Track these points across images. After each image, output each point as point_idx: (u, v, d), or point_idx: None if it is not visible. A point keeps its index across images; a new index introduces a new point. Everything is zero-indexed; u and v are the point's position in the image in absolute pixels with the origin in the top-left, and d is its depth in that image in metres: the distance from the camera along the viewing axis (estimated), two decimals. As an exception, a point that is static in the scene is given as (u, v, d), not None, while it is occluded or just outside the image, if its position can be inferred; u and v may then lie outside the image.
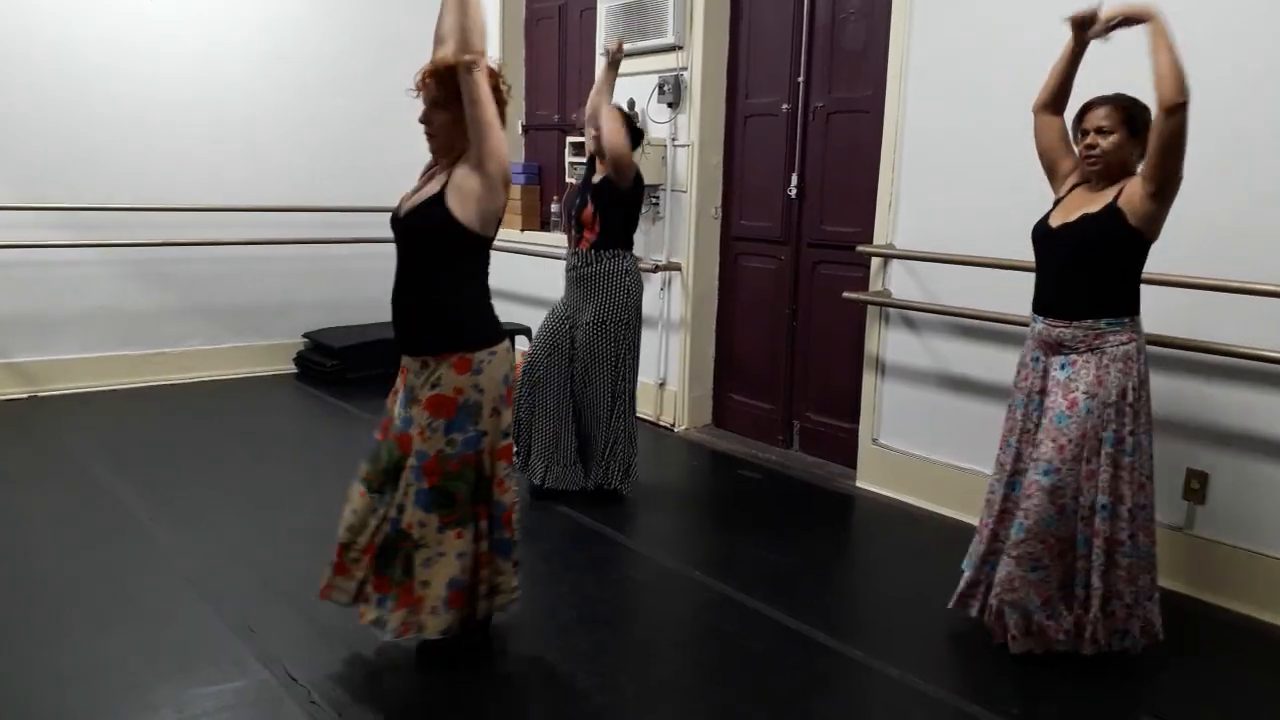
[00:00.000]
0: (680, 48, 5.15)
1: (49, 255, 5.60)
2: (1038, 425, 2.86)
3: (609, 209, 4.09)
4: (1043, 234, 2.86)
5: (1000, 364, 3.92)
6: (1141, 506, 2.79)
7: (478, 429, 2.64)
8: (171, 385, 6.01)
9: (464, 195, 2.55)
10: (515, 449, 3.89)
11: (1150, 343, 3.35)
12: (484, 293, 2.72)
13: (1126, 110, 2.72)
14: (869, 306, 4.41)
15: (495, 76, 2.61)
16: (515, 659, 2.91)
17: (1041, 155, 2.98)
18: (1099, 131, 2.73)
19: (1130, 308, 2.78)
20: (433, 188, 2.61)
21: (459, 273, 2.65)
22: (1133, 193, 2.68)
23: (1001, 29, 3.85)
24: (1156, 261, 2.87)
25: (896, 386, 4.38)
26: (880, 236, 4.33)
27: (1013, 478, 2.93)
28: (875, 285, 4.39)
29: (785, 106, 4.90)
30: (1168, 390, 3.44)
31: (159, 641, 2.90)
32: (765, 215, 5.08)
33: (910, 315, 4.29)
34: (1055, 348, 2.81)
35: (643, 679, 2.84)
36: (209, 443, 4.97)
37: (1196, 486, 3.43)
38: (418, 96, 2.64)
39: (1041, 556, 2.80)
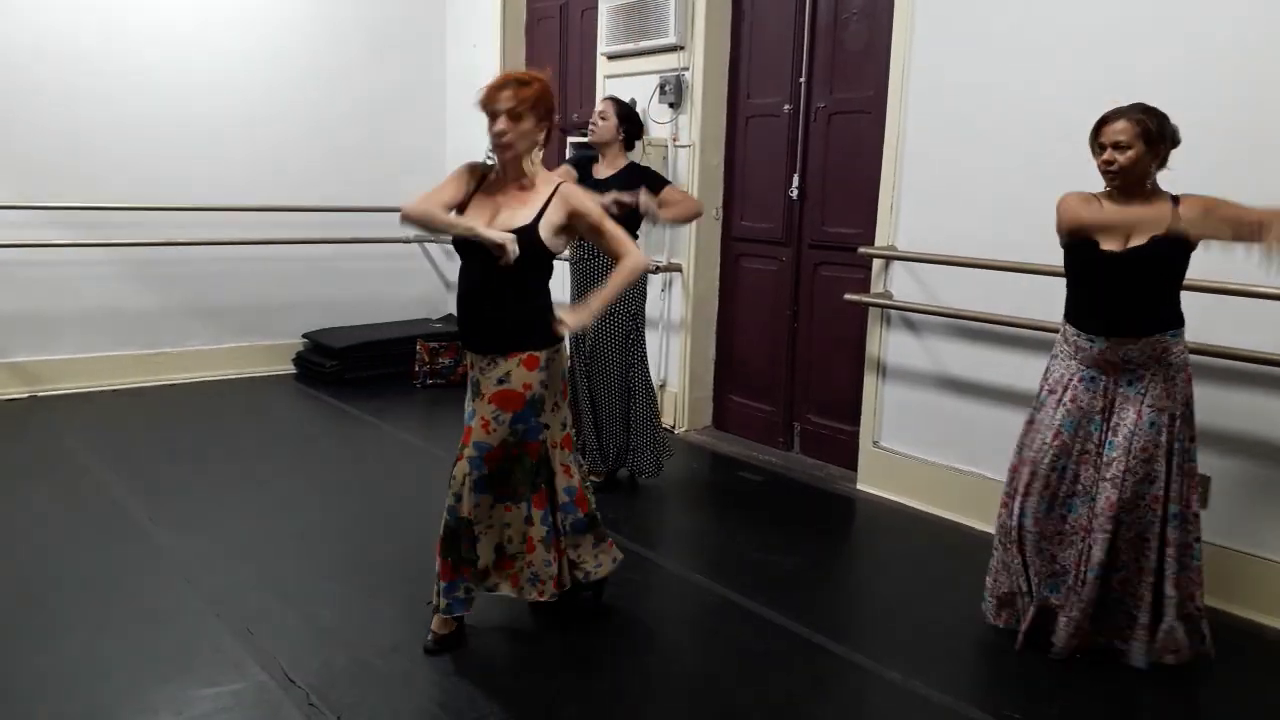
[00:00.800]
0: (681, 48, 5.15)
1: (49, 255, 5.60)
2: (1100, 445, 2.85)
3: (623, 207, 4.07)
4: (1103, 259, 2.77)
5: (1002, 367, 3.91)
6: (1197, 514, 2.86)
7: (540, 420, 2.84)
8: (171, 385, 6.00)
9: (554, 228, 2.79)
10: None
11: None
12: (549, 296, 2.90)
13: (1143, 124, 2.70)
14: (870, 308, 4.40)
15: (552, 93, 2.83)
16: (514, 660, 2.91)
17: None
18: (1116, 147, 2.72)
19: (1182, 316, 2.82)
20: (526, 215, 2.78)
21: (534, 283, 2.84)
22: (1204, 207, 2.68)
23: (1004, 29, 3.84)
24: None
25: (898, 389, 4.38)
26: (882, 238, 4.32)
27: (1070, 499, 2.90)
28: (877, 287, 4.38)
29: (787, 107, 4.89)
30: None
31: (157, 642, 2.89)
32: (766, 216, 5.07)
33: (912, 317, 4.28)
34: (1120, 366, 2.81)
35: (642, 681, 2.83)
36: (208, 443, 4.96)
37: (1199, 491, 3.41)
38: (485, 109, 2.78)
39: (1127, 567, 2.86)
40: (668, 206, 4.11)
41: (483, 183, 2.90)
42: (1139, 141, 2.69)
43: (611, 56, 5.57)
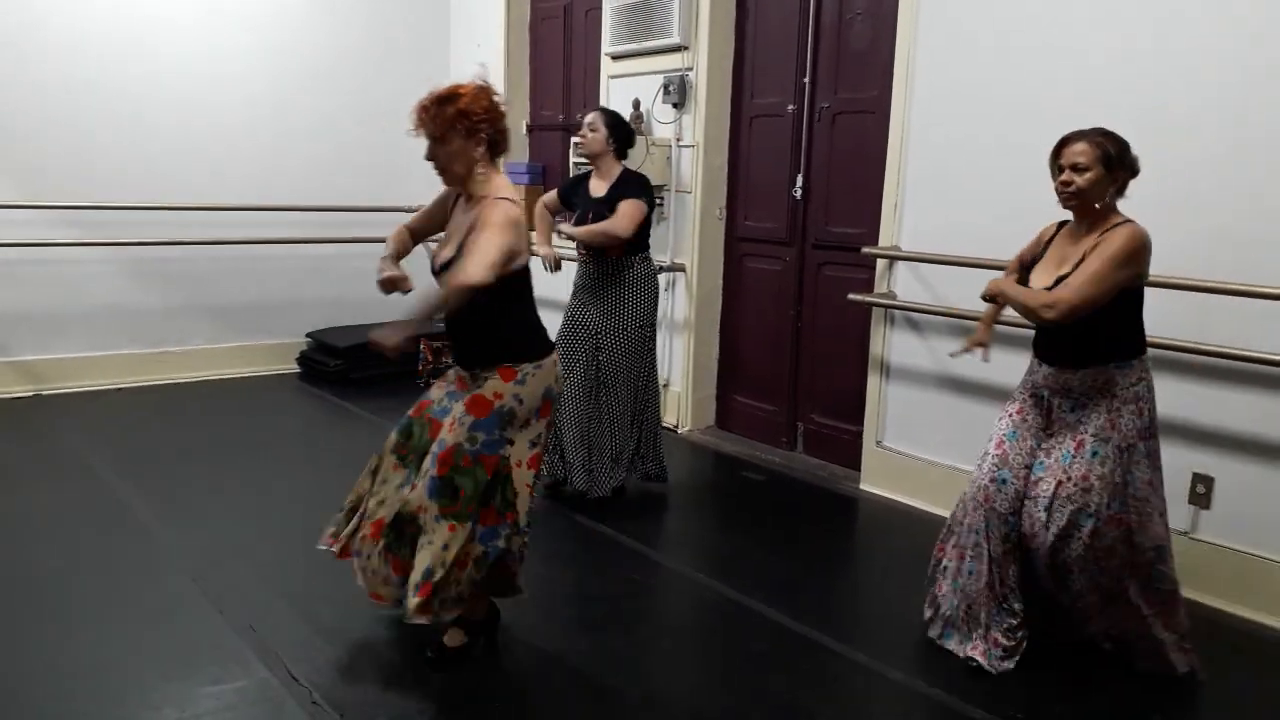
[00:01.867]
0: (685, 48, 5.14)
1: (54, 254, 5.60)
2: (1030, 462, 2.82)
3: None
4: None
5: (1005, 367, 3.90)
6: (1159, 546, 2.82)
7: (504, 435, 2.71)
8: (175, 384, 6.01)
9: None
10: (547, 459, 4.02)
11: (1155, 346, 3.34)
12: (529, 309, 2.84)
13: (1102, 147, 2.67)
14: (874, 308, 4.40)
15: (488, 97, 2.69)
16: (517, 660, 2.91)
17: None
18: (1075, 169, 2.69)
19: (1137, 348, 2.76)
20: (448, 252, 2.72)
21: (504, 299, 2.71)
22: (1092, 253, 2.65)
23: (1008, 29, 3.84)
24: (1161, 265, 2.85)
25: (901, 389, 4.37)
26: (886, 238, 4.31)
27: (1008, 515, 2.85)
28: (880, 287, 4.38)
29: (791, 107, 4.89)
30: (1173, 394, 3.42)
31: (161, 640, 2.90)
32: (770, 216, 5.07)
33: (915, 317, 4.28)
34: (1063, 392, 2.79)
35: (645, 680, 2.83)
36: (212, 442, 4.97)
37: (1201, 491, 3.41)
38: (417, 134, 2.69)
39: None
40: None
41: (456, 202, 2.86)
42: (1098, 165, 2.66)
43: (615, 56, 5.57)
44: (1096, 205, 2.70)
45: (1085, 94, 3.44)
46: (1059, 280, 2.70)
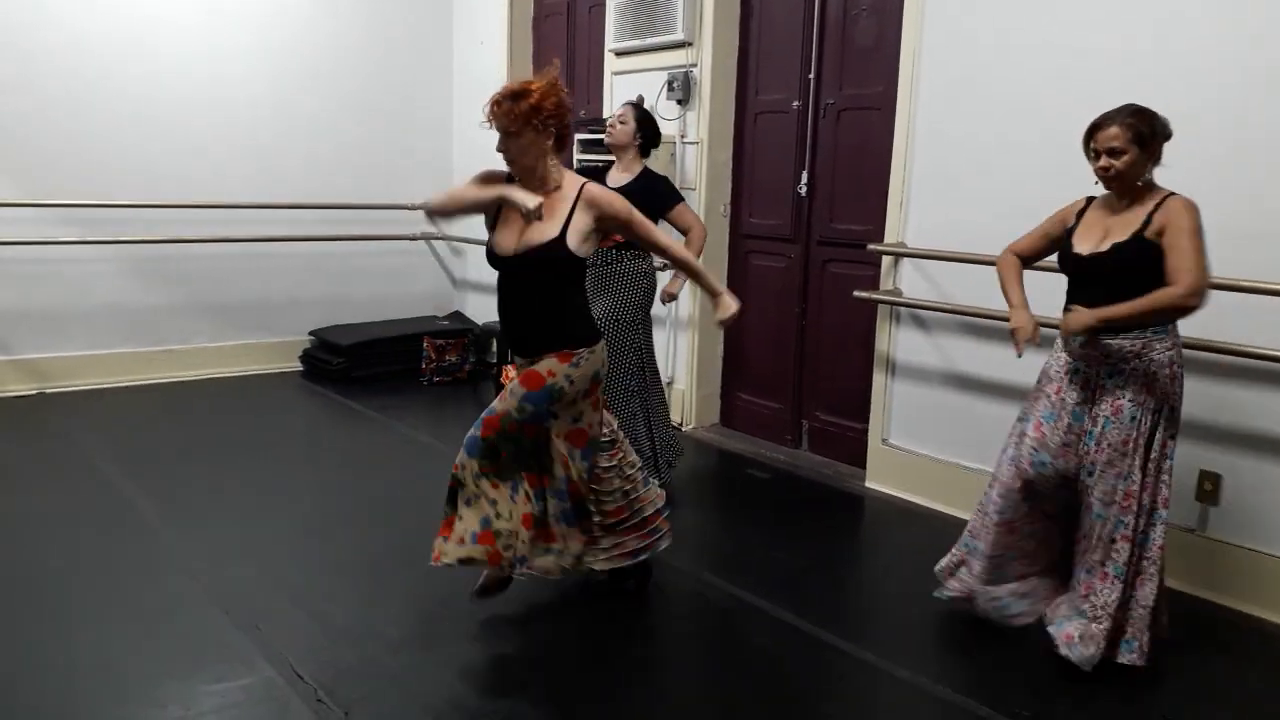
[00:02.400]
0: (690, 44, 5.13)
1: (57, 252, 5.60)
2: (1081, 436, 2.83)
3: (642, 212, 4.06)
4: (1074, 262, 2.84)
5: (1011, 364, 3.88)
6: (1163, 519, 2.82)
7: (550, 409, 2.88)
8: (178, 382, 6.01)
9: (583, 235, 2.84)
10: None
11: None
12: (584, 298, 3.01)
13: (1134, 128, 2.69)
14: (879, 305, 4.38)
15: (558, 93, 2.82)
16: (522, 657, 2.90)
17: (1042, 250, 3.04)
18: (1111, 153, 2.72)
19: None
20: (554, 226, 2.82)
21: (568, 289, 2.93)
22: (1166, 233, 2.67)
23: (1013, 25, 3.82)
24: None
25: (906, 386, 4.36)
26: (891, 235, 4.30)
27: (1046, 496, 2.93)
28: (886, 284, 4.36)
29: (796, 103, 4.88)
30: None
31: (166, 638, 2.89)
32: (775, 213, 5.06)
33: (921, 314, 4.26)
34: (1100, 360, 2.79)
35: (649, 677, 2.82)
36: (215, 440, 4.96)
37: (1209, 488, 3.40)
38: (490, 127, 2.82)
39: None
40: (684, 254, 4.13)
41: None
42: (1133, 146, 2.69)
43: (619, 53, 5.55)
44: (1139, 183, 2.75)
45: (1088, 91, 3.42)
46: (1116, 246, 2.71)
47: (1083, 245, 2.82)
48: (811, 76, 4.78)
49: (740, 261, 5.28)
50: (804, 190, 4.85)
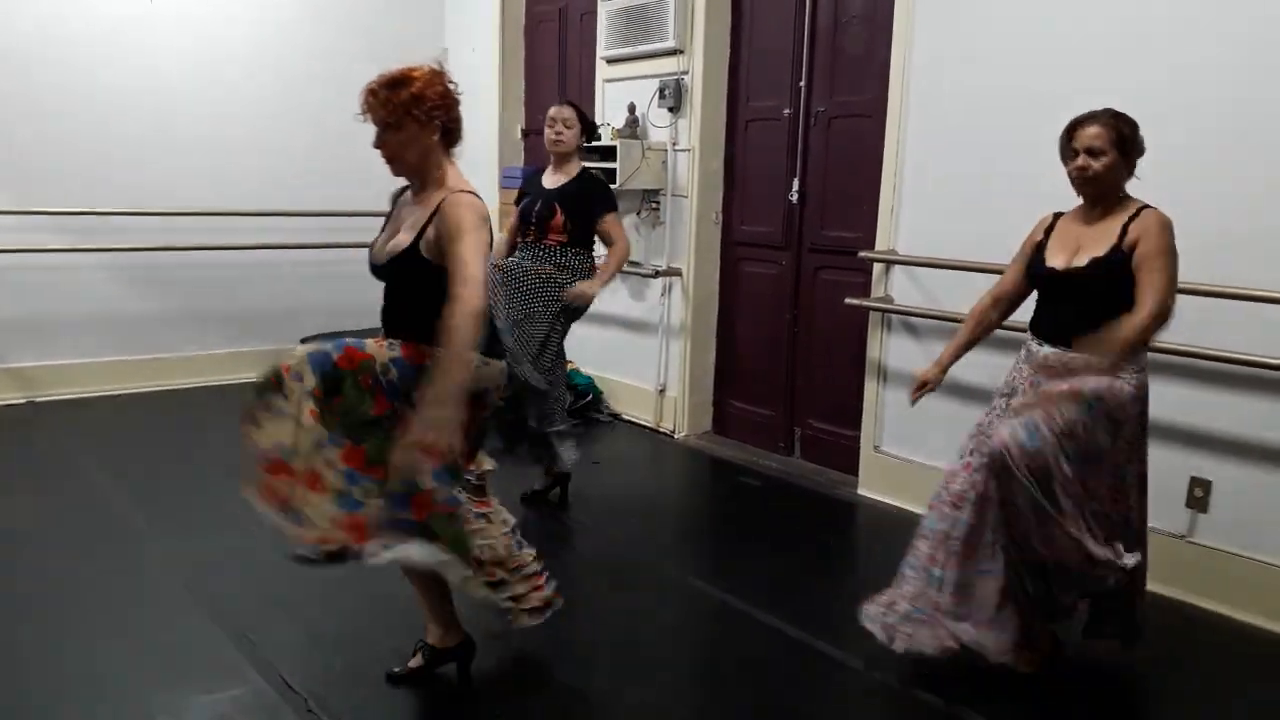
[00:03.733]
0: (681, 51, 5.14)
1: (48, 260, 5.58)
2: None
3: (576, 215, 4.05)
4: (1047, 275, 2.75)
5: (1003, 371, 3.89)
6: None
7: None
8: (170, 391, 5.98)
9: (439, 249, 2.44)
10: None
11: (1153, 350, 3.33)
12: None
13: (1117, 130, 2.64)
14: (871, 312, 4.39)
15: (442, 82, 2.52)
16: (513, 667, 2.89)
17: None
18: (1090, 153, 2.65)
19: None
20: (408, 235, 2.50)
21: (427, 304, 2.47)
22: (1141, 250, 2.60)
23: (1003, 32, 3.84)
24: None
25: (898, 393, 4.36)
26: (882, 242, 4.31)
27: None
28: (877, 291, 4.37)
29: (787, 111, 4.89)
30: (1171, 398, 3.42)
31: (156, 649, 2.88)
32: (766, 220, 5.06)
33: (912, 321, 4.27)
34: (1062, 372, 2.69)
35: (642, 687, 2.81)
36: (207, 449, 4.93)
37: (1199, 494, 3.41)
38: (365, 120, 2.53)
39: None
40: (604, 261, 4.08)
41: (401, 196, 2.69)
42: (1113, 149, 2.62)
43: (611, 60, 5.56)
44: (1115, 193, 2.68)
45: (1081, 98, 3.43)
46: (1093, 261, 2.63)
47: (1056, 259, 2.73)
48: (802, 84, 4.79)
49: (732, 269, 5.29)
50: (795, 197, 4.86)
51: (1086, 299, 2.67)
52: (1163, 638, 3.05)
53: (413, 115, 2.47)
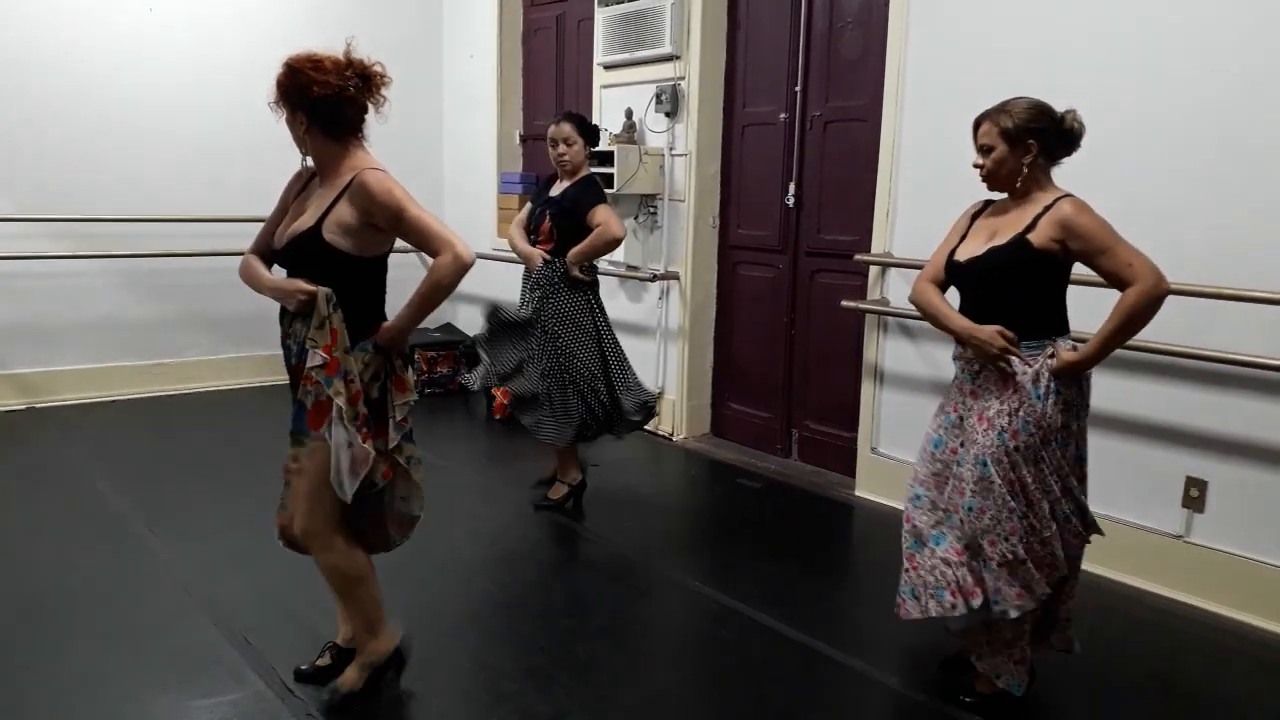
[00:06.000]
0: (677, 57, 5.16)
1: (48, 266, 5.61)
2: (955, 456, 2.69)
3: (564, 223, 4.07)
4: (951, 267, 2.72)
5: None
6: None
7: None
8: (170, 396, 6.01)
9: (344, 228, 2.51)
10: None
11: (1149, 351, 3.37)
12: (365, 301, 2.68)
13: (1000, 124, 2.64)
14: (867, 315, 4.41)
15: (299, 65, 2.56)
16: (512, 669, 2.90)
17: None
18: (981, 151, 2.67)
19: (1050, 328, 2.59)
20: (313, 215, 2.52)
21: (362, 279, 2.63)
22: (1078, 245, 2.50)
23: (998, 36, 3.86)
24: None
25: (895, 395, 4.38)
26: (878, 245, 4.33)
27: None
28: (873, 294, 4.39)
29: (783, 116, 4.91)
30: (1167, 398, 3.44)
31: (156, 653, 2.89)
32: (763, 224, 5.09)
33: (908, 324, 4.29)
34: (975, 374, 2.66)
35: (640, 689, 2.83)
36: (208, 454, 4.96)
37: (1195, 494, 3.42)
38: (277, 109, 2.59)
39: None
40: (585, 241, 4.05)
41: (309, 184, 2.68)
42: (1000, 142, 2.62)
43: (608, 66, 5.59)
44: (1014, 184, 2.63)
45: (1076, 101, 3.45)
46: (991, 250, 2.58)
47: (965, 250, 2.69)
48: (798, 89, 4.81)
49: (729, 272, 5.31)
50: (792, 201, 4.89)
51: (979, 290, 2.63)
52: (1159, 637, 3.07)
53: (287, 101, 2.57)
